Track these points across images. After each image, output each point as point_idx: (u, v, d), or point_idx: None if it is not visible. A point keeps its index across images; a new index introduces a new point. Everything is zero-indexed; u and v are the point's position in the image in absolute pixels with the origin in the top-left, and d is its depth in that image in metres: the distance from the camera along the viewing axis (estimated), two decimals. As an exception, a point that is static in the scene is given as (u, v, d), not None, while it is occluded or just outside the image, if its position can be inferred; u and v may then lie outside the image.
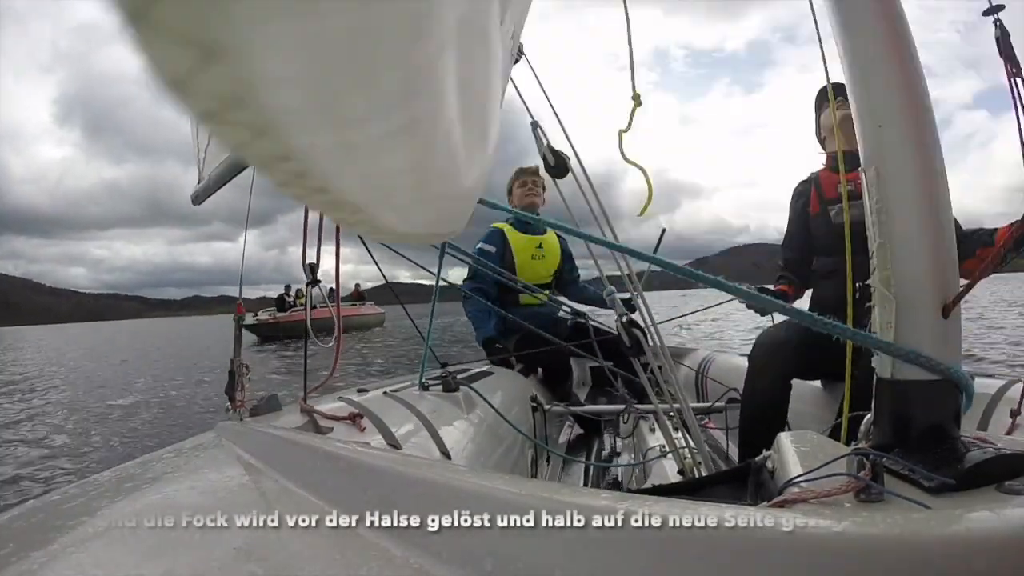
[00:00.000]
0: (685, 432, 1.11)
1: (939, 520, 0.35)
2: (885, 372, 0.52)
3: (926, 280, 0.51)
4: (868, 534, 0.33)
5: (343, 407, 1.03)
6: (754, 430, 1.32)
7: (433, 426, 1.08)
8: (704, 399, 2.19)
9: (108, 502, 0.56)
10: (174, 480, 0.67)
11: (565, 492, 0.43)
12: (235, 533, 0.47)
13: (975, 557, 0.32)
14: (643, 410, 1.67)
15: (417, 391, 1.31)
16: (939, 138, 0.54)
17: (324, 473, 0.59)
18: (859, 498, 0.40)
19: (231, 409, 0.96)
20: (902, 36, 0.54)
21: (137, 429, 4.24)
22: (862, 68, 0.55)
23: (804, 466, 0.47)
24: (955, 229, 0.52)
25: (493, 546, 0.42)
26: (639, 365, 1.00)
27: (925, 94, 0.54)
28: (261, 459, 0.70)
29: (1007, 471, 0.42)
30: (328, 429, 0.94)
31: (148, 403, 5.44)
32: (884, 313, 0.52)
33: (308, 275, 1.03)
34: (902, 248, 0.52)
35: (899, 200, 0.52)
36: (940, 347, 0.50)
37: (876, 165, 0.53)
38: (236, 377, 0.97)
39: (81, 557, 0.45)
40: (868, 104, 0.54)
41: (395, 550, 0.45)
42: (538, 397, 1.85)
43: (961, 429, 0.51)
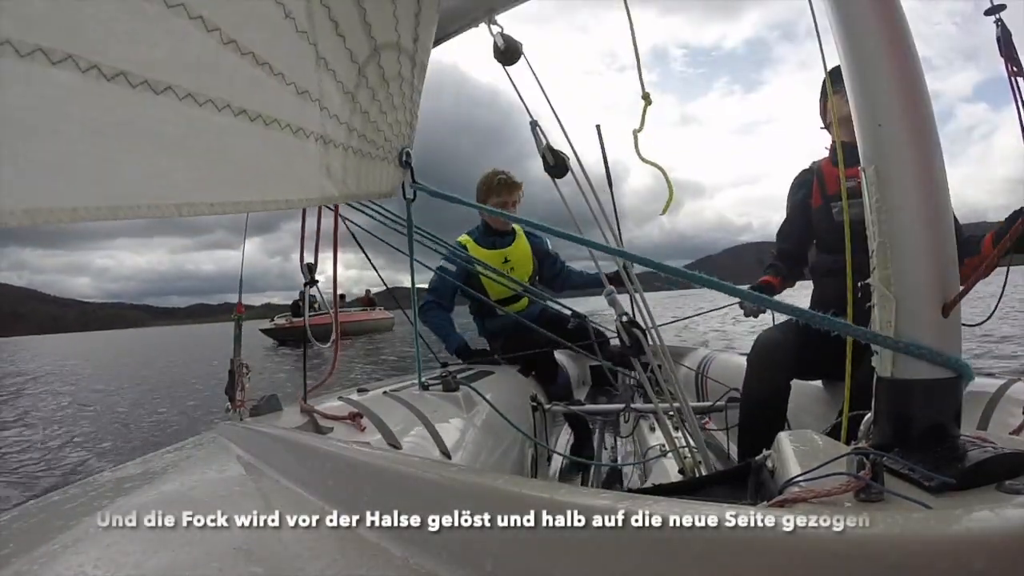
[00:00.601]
0: (685, 432, 1.11)
1: (939, 520, 0.35)
2: (885, 371, 0.52)
3: (926, 279, 0.51)
4: (868, 534, 0.33)
5: (343, 407, 1.03)
6: (754, 430, 1.32)
7: (433, 426, 1.08)
8: (704, 399, 2.19)
9: (108, 502, 0.56)
10: (174, 480, 0.67)
11: (565, 492, 0.42)
12: (235, 533, 0.47)
13: (975, 557, 0.32)
14: (643, 409, 1.67)
15: (417, 391, 1.31)
16: (939, 137, 0.54)
17: (324, 473, 0.59)
18: (859, 498, 0.40)
19: (231, 409, 0.96)
20: (902, 35, 0.54)
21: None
22: (862, 67, 0.55)
23: (804, 466, 0.47)
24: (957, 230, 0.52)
25: (493, 546, 0.42)
26: (639, 365, 1.00)
27: (925, 93, 0.54)
28: (261, 459, 0.70)
29: (1007, 470, 0.42)
30: (328, 429, 0.94)
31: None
32: (884, 312, 0.52)
33: (306, 275, 1.03)
34: (902, 247, 0.52)
35: (899, 199, 0.52)
36: (940, 346, 0.50)
37: (876, 164, 0.53)
38: (236, 377, 0.97)
39: (81, 557, 0.45)
40: (868, 103, 0.54)
41: (395, 550, 0.45)
42: (538, 397, 1.85)
43: (961, 429, 0.51)
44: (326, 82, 0.60)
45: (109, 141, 0.39)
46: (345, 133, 0.66)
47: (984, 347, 5.46)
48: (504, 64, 1.19)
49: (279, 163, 0.55)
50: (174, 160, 0.43)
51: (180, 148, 0.44)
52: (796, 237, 1.51)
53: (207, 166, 0.46)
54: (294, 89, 0.55)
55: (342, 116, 0.64)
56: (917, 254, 0.51)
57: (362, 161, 0.70)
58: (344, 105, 0.64)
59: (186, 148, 0.44)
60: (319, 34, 0.58)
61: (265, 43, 0.50)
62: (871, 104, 0.54)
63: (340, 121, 0.64)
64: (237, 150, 0.49)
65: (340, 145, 0.65)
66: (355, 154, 0.69)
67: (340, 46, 0.62)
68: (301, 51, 0.56)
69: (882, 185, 0.53)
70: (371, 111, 0.70)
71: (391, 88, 0.72)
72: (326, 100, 0.61)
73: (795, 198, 1.50)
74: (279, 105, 0.53)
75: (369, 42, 0.66)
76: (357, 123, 0.68)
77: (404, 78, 0.74)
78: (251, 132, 0.50)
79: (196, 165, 0.45)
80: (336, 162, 0.64)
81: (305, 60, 0.57)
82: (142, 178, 0.41)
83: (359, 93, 0.67)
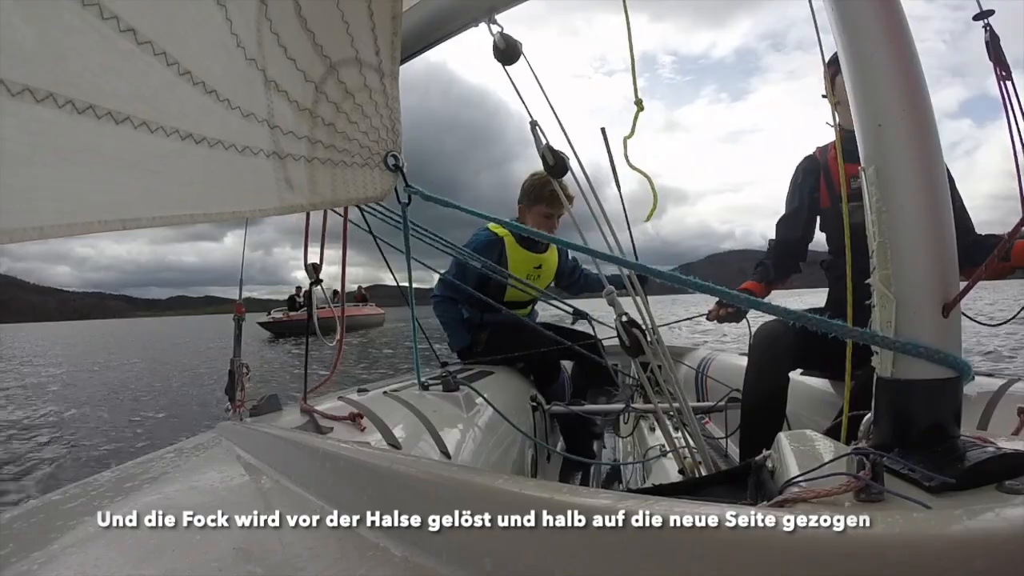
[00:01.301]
0: (685, 432, 1.11)
1: (939, 520, 0.35)
2: (885, 371, 0.52)
3: (926, 279, 0.51)
4: (868, 534, 0.33)
5: (343, 407, 1.03)
6: (755, 424, 1.32)
7: (433, 426, 1.08)
8: (704, 398, 2.19)
9: (108, 502, 0.56)
10: (174, 480, 0.67)
11: (565, 492, 0.42)
12: (235, 533, 0.47)
13: (975, 557, 0.32)
14: (643, 410, 1.67)
15: (417, 391, 1.31)
16: (939, 137, 0.54)
17: (324, 473, 0.59)
18: (859, 498, 0.40)
19: (231, 409, 0.96)
20: (902, 36, 0.54)
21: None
22: (862, 67, 0.55)
23: (804, 466, 0.47)
24: (969, 233, 0.52)
25: (493, 546, 0.42)
26: (638, 365, 1.00)
27: (925, 93, 0.54)
28: (261, 459, 0.70)
29: (1007, 470, 0.42)
30: (328, 429, 0.94)
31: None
32: (884, 312, 0.52)
33: (311, 275, 1.03)
34: (902, 247, 0.52)
35: (899, 199, 0.52)
36: (940, 346, 0.50)
37: (876, 164, 0.53)
38: (236, 377, 0.97)
39: (81, 557, 0.45)
40: (868, 103, 0.54)
41: (395, 550, 0.45)
42: (538, 397, 1.85)
43: (961, 429, 0.51)
44: (277, 102, 0.66)
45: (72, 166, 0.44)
46: (307, 146, 0.71)
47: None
48: (504, 64, 1.19)
49: (225, 178, 0.60)
50: (126, 181, 0.49)
51: (132, 170, 0.49)
52: (801, 229, 1.45)
53: (154, 185, 0.52)
54: (239, 112, 0.61)
55: (299, 131, 0.70)
56: (917, 254, 0.51)
57: (335, 169, 0.76)
58: (301, 121, 0.70)
59: (137, 170, 0.50)
60: (268, 60, 0.64)
61: (216, 72, 0.56)
62: (871, 104, 0.54)
63: (298, 136, 0.70)
64: (182, 170, 0.55)
65: (301, 157, 0.70)
66: (323, 164, 0.74)
67: (291, 68, 0.68)
68: (249, 77, 0.62)
69: (882, 185, 0.52)
70: (337, 122, 0.75)
71: (358, 99, 0.77)
72: (277, 119, 0.67)
73: (801, 186, 1.44)
74: (224, 128, 0.59)
75: (323, 61, 0.72)
76: (321, 135, 0.73)
77: (372, 88, 0.78)
78: (196, 153, 0.55)
79: (144, 185, 0.51)
80: (299, 174, 0.70)
81: (253, 85, 0.63)
82: (97, 197, 0.47)
83: (319, 108, 0.72)
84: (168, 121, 0.52)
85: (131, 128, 0.48)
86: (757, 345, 1.39)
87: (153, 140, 0.50)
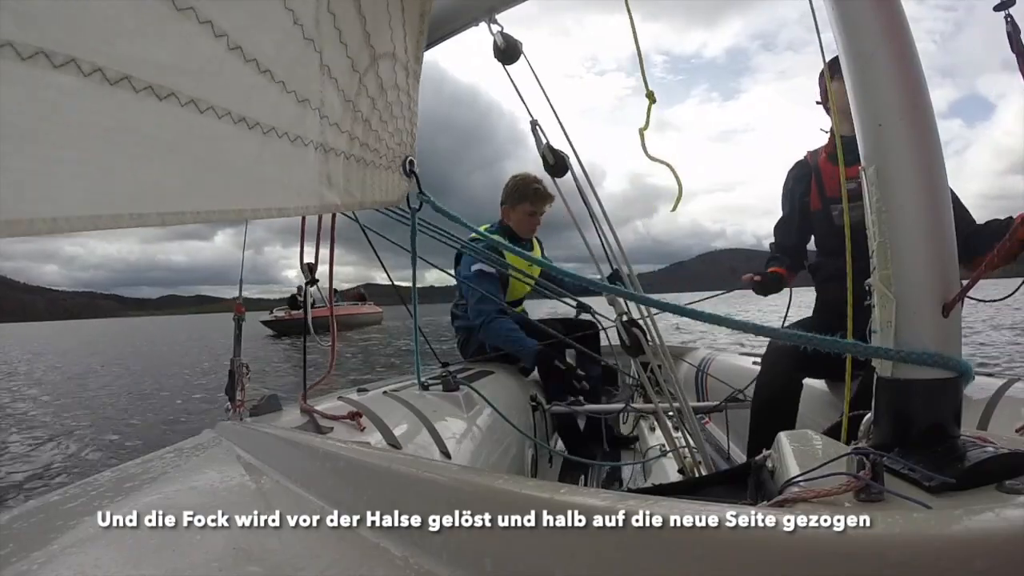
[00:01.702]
0: (685, 432, 1.11)
1: (939, 520, 0.35)
2: (885, 371, 0.52)
3: (926, 279, 0.51)
4: (868, 534, 0.33)
5: (343, 407, 1.03)
6: (764, 428, 1.32)
7: (433, 426, 1.08)
8: (704, 398, 2.19)
9: (108, 502, 0.56)
10: (174, 480, 0.67)
11: (565, 492, 0.42)
12: (235, 533, 0.47)
13: (975, 557, 0.32)
14: (643, 410, 1.67)
15: (417, 390, 1.31)
16: (939, 137, 0.54)
17: (324, 473, 0.59)
18: (859, 498, 0.40)
19: (231, 409, 0.96)
20: (902, 35, 0.54)
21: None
22: (862, 67, 0.55)
23: (804, 465, 0.47)
24: (968, 224, 0.51)
25: (493, 546, 0.42)
26: (638, 364, 1.00)
27: (925, 93, 0.54)
28: (261, 459, 0.70)
29: (1007, 470, 0.42)
30: (328, 429, 0.94)
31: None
32: (884, 312, 0.52)
33: (307, 275, 1.03)
34: (902, 247, 0.52)
35: (899, 199, 0.52)
36: (940, 346, 0.50)
37: (876, 164, 0.53)
38: (236, 377, 0.97)
39: (81, 557, 0.45)
40: (868, 103, 0.54)
41: (395, 550, 0.45)
42: (538, 397, 1.85)
43: (961, 429, 0.51)
44: (328, 90, 0.59)
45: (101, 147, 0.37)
46: (347, 141, 0.64)
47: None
48: (504, 63, 1.19)
49: (275, 171, 0.53)
50: (166, 168, 0.42)
51: (174, 155, 0.42)
52: (799, 231, 1.48)
53: (199, 174, 0.45)
54: (295, 97, 0.54)
55: (343, 125, 0.63)
56: (917, 254, 0.51)
57: (365, 170, 0.69)
58: (345, 114, 0.63)
59: (180, 155, 0.43)
60: (324, 42, 0.56)
61: (270, 50, 0.49)
62: (871, 104, 0.54)
63: (341, 130, 0.63)
64: (233, 158, 0.47)
65: (341, 153, 0.63)
66: (357, 162, 0.67)
67: (343, 54, 0.60)
68: (306, 58, 0.55)
69: (882, 185, 0.52)
70: (372, 120, 0.69)
71: (389, 97, 0.72)
72: (327, 108, 0.59)
73: (793, 192, 1.47)
74: (278, 113, 0.52)
75: (369, 51, 0.65)
76: (359, 131, 0.66)
77: (400, 87, 0.74)
78: (249, 139, 0.48)
79: (188, 173, 0.44)
80: (337, 171, 0.63)
81: (309, 68, 0.55)
82: (130, 186, 0.39)
83: (359, 102, 0.66)
84: (219, 101, 0.44)
85: (176, 105, 0.41)
86: (771, 351, 1.40)
87: (202, 121, 0.43)
